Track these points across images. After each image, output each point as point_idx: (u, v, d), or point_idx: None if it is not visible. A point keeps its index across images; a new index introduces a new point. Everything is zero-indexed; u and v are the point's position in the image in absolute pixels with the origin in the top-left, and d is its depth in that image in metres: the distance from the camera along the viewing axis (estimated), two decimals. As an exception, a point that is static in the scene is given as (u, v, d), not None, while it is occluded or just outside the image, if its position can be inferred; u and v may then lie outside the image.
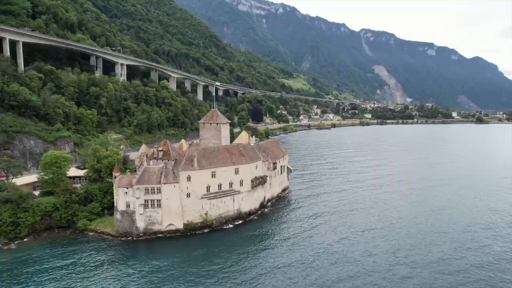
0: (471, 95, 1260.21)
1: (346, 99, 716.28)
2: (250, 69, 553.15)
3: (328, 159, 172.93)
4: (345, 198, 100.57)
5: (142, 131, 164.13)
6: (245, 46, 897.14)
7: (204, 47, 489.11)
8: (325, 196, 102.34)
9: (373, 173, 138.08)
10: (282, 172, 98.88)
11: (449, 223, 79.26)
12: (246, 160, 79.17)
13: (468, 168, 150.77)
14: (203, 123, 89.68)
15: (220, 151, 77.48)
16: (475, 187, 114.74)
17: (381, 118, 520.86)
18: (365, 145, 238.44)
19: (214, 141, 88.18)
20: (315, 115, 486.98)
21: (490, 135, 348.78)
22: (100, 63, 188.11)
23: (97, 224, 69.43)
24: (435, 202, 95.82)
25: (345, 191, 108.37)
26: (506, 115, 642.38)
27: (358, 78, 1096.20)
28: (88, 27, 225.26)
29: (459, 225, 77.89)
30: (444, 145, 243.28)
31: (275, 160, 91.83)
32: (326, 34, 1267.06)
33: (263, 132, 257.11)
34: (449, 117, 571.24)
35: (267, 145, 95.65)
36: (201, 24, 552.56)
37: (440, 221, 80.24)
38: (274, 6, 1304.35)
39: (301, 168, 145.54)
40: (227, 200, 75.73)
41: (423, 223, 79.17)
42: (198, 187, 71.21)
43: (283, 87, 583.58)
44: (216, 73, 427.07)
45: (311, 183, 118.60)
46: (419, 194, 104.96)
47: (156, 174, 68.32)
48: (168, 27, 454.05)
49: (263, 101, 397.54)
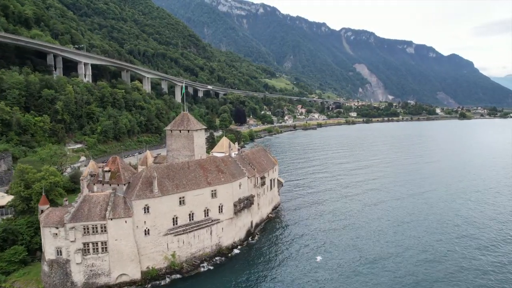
0: (449, 91, 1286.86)
1: (329, 98, 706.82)
2: (232, 69, 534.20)
3: (317, 163, 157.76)
4: (342, 212, 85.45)
5: (108, 139, 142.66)
6: (226, 46, 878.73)
7: (182, 47, 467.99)
8: (320, 210, 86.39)
9: (367, 178, 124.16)
10: (272, 187, 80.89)
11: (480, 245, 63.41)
12: (227, 178, 60.67)
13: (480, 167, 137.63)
14: (171, 130, 70.48)
15: (192, 168, 58.61)
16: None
17: (367, 116, 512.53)
18: (355, 146, 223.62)
19: (185, 153, 69.24)
20: (300, 115, 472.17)
21: (481, 131, 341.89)
22: (60, 63, 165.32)
23: (17, 279, 49.08)
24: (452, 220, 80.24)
25: (340, 203, 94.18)
26: (487, 110, 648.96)
27: (340, 77, 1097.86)
28: (49, 23, 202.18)
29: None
30: (440, 143, 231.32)
31: (263, 174, 73.77)
32: (307, 34, 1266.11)
33: (247, 134, 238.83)
34: (433, 113, 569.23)
35: (252, 155, 77.30)
36: (179, 23, 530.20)
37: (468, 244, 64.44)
38: (255, 6, 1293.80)
39: (289, 175, 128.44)
40: (202, 234, 56.95)
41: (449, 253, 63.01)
42: (160, 220, 52.25)
43: (266, 87, 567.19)
44: (196, 73, 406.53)
45: (303, 195, 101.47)
46: (432, 209, 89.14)
47: (99, 206, 48.84)
48: (144, 27, 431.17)
49: (246, 101, 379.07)
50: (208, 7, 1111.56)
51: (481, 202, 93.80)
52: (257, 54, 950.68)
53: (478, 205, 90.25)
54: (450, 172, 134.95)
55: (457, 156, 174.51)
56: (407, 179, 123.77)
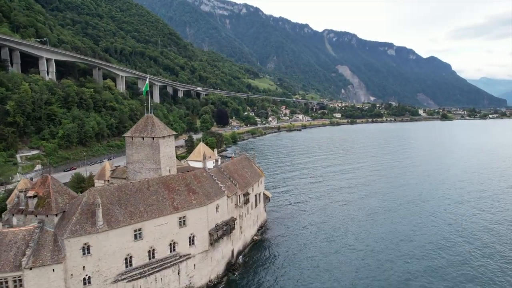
0: (429, 93, 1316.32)
1: (313, 98, 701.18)
2: (214, 68, 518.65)
3: (303, 168, 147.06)
4: (336, 227, 74.45)
5: (71, 144, 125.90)
6: (208, 46, 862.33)
7: (162, 45, 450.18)
8: (311, 224, 75.35)
9: (357, 183, 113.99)
10: (257, 203, 67.99)
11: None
12: (200, 200, 47.33)
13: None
14: (131, 136, 56.56)
15: (153, 189, 44.93)
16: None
17: (351, 117, 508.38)
18: (341, 148, 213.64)
19: (149, 166, 55.42)
20: (284, 116, 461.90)
21: (467, 132, 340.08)
22: (18, 58, 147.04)
23: None
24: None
25: (332, 213, 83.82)
26: (467, 112, 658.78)
27: (323, 78, 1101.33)
28: (9, 15, 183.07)
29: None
30: (429, 146, 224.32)
31: (246, 190, 60.76)
32: (290, 35, 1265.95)
33: (229, 137, 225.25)
34: (416, 114, 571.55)
35: (234, 166, 64.06)
36: (159, 21, 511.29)
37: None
38: (237, 6, 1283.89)
39: (274, 182, 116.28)
40: (167, 275, 43.27)
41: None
42: (107, 263, 38.37)
43: (250, 88, 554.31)
44: (176, 73, 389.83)
45: (291, 205, 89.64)
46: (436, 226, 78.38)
47: (15, 248, 34.62)
48: (122, 24, 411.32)
49: (228, 102, 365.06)
50: (190, 6, 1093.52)
51: (482, 207, 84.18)
52: (240, 55, 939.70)
53: (481, 211, 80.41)
54: (446, 177, 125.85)
55: (450, 159, 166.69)
56: (401, 184, 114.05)
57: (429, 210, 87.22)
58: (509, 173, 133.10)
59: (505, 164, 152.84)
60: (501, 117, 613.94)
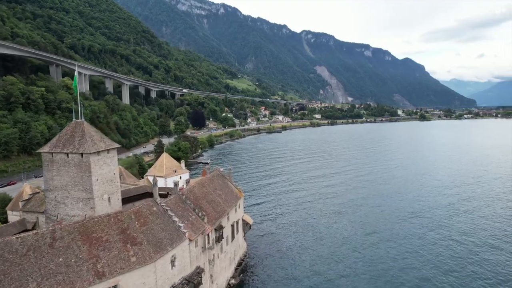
0: (404, 93, 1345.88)
1: (292, 99, 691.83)
2: (190, 68, 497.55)
3: (285, 174, 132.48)
4: (329, 252, 58.40)
5: (10, 154, 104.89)
6: (185, 46, 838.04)
7: (135, 43, 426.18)
8: (301, 252, 59.63)
9: (343, 191, 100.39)
10: (234, 235, 51.58)
11: None
12: (143, 255, 30.56)
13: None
14: (50, 152, 39.03)
15: (60, 244, 27.76)
16: None
17: (331, 118, 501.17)
18: (324, 152, 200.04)
19: (77, 195, 38.08)
20: (264, 117, 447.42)
21: (451, 133, 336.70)
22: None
23: None
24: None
25: (322, 232, 68.94)
26: (443, 112, 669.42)
27: (301, 79, 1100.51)
28: None
29: None
30: (413, 147, 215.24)
31: (219, 221, 44.34)
32: (268, 35, 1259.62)
33: (205, 140, 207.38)
34: (395, 115, 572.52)
35: (202, 190, 47.32)
36: (132, 18, 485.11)
37: None
38: (215, 6, 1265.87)
39: (253, 194, 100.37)
40: None
41: None
42: None
43: (228, 88, 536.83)
44: (150, 72, 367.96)
45: (274, 225, 73.72)
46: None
47: None
48: (91, 20, 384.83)
49: (205, 103, 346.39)
50: (166, 5, 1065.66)
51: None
52: (218, 55, 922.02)
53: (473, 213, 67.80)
54: (436, 180, 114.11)
55: (439, 162, 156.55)
56: (393, 191, 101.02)
57: (425, 224, 73.86)
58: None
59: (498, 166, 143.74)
60: (475, 117, 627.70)
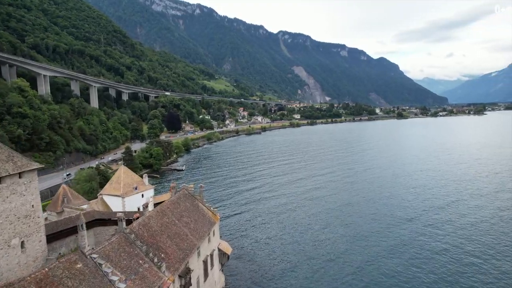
0: (380, 92, 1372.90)
1: (271, 100, 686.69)
2: (166, 69, 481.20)
3: (265, 178, 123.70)
4: (320, 275, 48.87)
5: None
6: (160, 47, 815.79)
7: (106, 43, 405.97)
8: (287, 274, 49.27)
9: (329, 198, 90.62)
10: (208, 272, 41.74)
11: None
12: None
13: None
14: None
15: None
16: None
17: (310, 118, 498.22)
18: (305, 153, 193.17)
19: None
20: (243, 118, 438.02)
21: (430, 130, 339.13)
22: None
23: None
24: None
25: (311, 251, 57.64)
26: (419, 110, 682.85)
27: (279, 79, 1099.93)
28: None
29: None
30: (396, 146, 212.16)
31: (186, 261, 34.44)
32: (245, 36, 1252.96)
33: (181, 144, 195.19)
34: (373, 113, 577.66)
35: (163, 219, 37.04)
36: (102, 17, 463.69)
37: None
38: (191, 7, 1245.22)
39: (231, 204, 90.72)
40: None
41: None
42: None
43: (205, 89, 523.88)
44: (122, 73, 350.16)
45: (257, 245, 64.17)
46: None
47: None
48: (56, 18, 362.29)
49: (181, 105, 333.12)
50: (140, 6, 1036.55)
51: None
52: (195, 56, 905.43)
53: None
54: (424, 180, 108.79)
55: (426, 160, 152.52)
56: (383, 194, 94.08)
57: (413, 227, 66.95)
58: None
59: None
60: (450, 114, 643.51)
